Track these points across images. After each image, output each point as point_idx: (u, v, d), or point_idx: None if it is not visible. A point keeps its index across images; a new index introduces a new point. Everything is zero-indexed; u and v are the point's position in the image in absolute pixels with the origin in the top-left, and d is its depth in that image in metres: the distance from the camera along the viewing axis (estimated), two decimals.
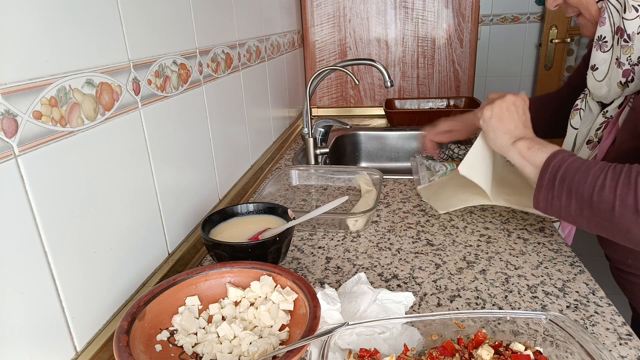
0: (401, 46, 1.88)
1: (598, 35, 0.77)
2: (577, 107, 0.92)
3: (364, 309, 0.64)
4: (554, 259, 0.81)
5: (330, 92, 1.97)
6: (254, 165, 1.25)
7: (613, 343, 0.60)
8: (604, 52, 0.78)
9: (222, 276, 0.65)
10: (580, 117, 0.91)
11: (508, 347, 0.54)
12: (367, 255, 0.85)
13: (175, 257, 0.79)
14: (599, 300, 0.69)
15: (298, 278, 0.61)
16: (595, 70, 0.80)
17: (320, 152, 1.36)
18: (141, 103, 0.70)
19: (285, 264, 0.83)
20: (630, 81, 0.76)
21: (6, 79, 0.45)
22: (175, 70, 0.80)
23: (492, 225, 0.94)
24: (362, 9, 1.84)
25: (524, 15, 2.98)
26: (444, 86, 1.92)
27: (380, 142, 1.67)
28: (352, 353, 0.54)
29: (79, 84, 0.55)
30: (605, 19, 0.75)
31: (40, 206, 0.49)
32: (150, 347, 0.55)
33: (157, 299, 0.59)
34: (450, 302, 0.70)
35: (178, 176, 0.82)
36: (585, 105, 0.90)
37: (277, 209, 0.83)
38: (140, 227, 0.70)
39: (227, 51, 1.04)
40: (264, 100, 1.34)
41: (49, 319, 0.51)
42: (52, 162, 0.52)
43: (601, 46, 0.78)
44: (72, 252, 0.55)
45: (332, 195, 1.15)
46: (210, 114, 0.95)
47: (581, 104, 0.91)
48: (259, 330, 0.58)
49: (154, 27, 0.73)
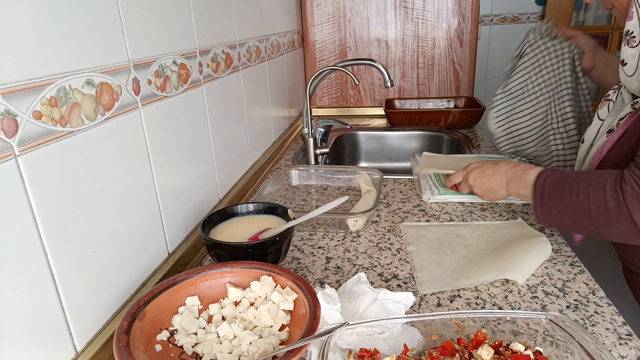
0: (401, 46, 1.88)
1: (626, 30, 0.76)
2: (607, 98, 0.90)
3: (364, 309, 0.64)
4: (554, 259, 0.80)
5: (330, 92, 1.97)
6: (254, 165, 1.25)
7: (613, 343, 0.60)
8: (632, 47, 0.76)
9: (222, 276, 0.65)
10: (608, 109, 0.89)
11: (508, 347, 0.53)
12: (367, 255, 0.85)
13: (175, 257, 0.79)
14: (599, 300, 0.69)
15: (298, 278, 0.61)
16: (625, 66, 0.79)
17: (320, 152, 1.36)
18: (141, 103, 0.70)
19: (285, 264, 0.83)
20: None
21: (6, 79, 0.45)
22: (175, 70, 0.80)
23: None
24: (362, 9, 1.84)
25: (524, 15, 2.98)
26: (444, 86, 1.92)
27: (380, 142, 1.67)
28: (352, 353, 0.54)
29: (79, 84, 0.55)
30: (633, 13, 0.73)
31: (40, 206, 0.49)
32: (150, 347, 0.55)
33: (157, 299, 0.59)
34: (450, 302, 0.70)
35: (178, 176, 0.82)
36: (617, 97, 0.88)
37: (277, 209, 0.83)
38: (140, 227, 0.70)
39: (227, 51, 1.04)
40: (264, 100, 1.34)
41: (49, 319, 0.51)
42: (52, 162, 0.52)
43: (629, 41, 0.76)
44: (72, 252, 0.55)
45: (332, 195, 1.15)
46: (210, 114, 0.95)
47: (613, 95, 0.89)
48: (259, 330, 0.58)
49: (154, 27, 0.73)
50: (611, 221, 0.68)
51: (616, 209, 0.67)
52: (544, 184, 0.77)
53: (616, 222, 0.68)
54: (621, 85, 0.87)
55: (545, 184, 0.76)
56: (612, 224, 0.68)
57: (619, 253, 0.90)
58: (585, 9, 2.91)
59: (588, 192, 0.70)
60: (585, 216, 0.71)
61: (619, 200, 0.67)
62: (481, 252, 0.83)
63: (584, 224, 0.72)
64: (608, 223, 0.69)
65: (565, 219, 0.75)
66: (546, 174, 0.78)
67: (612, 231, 0.69)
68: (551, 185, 0.76)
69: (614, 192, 0.68)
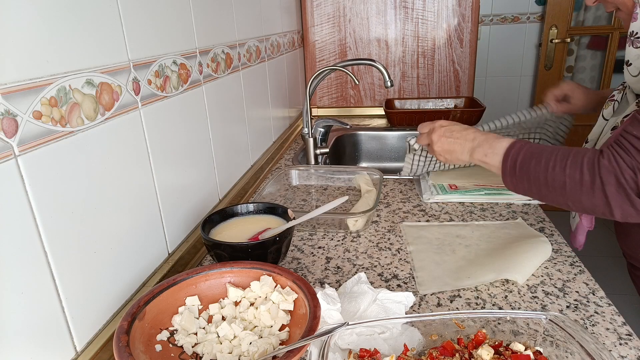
0: (401, 46, 1.88)
1: (630, 30, 0.76)
2: (612, 98, 0.90)
3: (364, 309, 0.64)
4: (554, 259, 0.80)
5: (330, 92, 1.97)
6: (254, 165, 1.25)
7: (613, 343, 0.60)
8: (637, 48, 0.76)
9: (222, 276, 0.65)
10: (613, 109, 0.89)
11: (508, 347, 0.53)
12: (367, 255, 0.85)
13: (175, 257, 0.79)
14: (599, 300, 0.69)
15: (298, 278, 0.61)
16: (630, 66, 0.79)
17: (320, 152, 1.36)
18: (141, 103, 0.70)
19: (285, 264, 0.83)
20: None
21: (6, 79, 0.45)
22: (175, 70, 0.80)
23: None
24: (362, 9, 1.84)
25: (524, 15, 2.98)
26: (444, 86, 1.92)
27: (380, 142, 1.67)
28: (352, 353, 0.54)
29: (79, 84, 0.55)
30: (637, 15, 0.74)
31: (40, 206, 0.49)
32: (150, 347, 0.55)
33: (157, 299, 0.59)
34: (450, 302, 0.70)
35: (178, 176, 0.82)
36: (622, 97, 0.88)
37: (277, 209, 0.83)
38: (141, 227, 0.70)
39: (227, 51, 1.04)
40: (264, 100, 1.34)
41: (49, 319, 0.51)
42: (52, 162, 0.52)
43: (633, 42, 0.76)
44: (72, 252, 0.55)
45: (332, 195, 1.15)
46: (210, 114, 0.95)
47: (618, 95, 0.89)
48: (259, 330, 0.58)
49: (154, 27, 0.73)
50: (583, 194, 0.69)
51: (590, 182, 0.68)
52: (517, 152, 0.76)
53: (588, 195, 0.69)
54: (626, 86, 0.88)
55: (519, 153, 0.76)
56: (583, 196, 0.69)
57: (623, 248, 0.91)
58: (585, 9, 2.91)
59: (565, 165, 0.70)
60: (558, 189, 0.71)
61: (594, 173, 0.67)
62: (481, 252, 0.83)
63: (554, 196, 0.73)
64: (579, 195, 0.70)
65: (533, 188, 0.75)
66: (521, 144, 0.77)
67: (581, 204, 0.70)
68: (525, 155, 0.75)
69: (590, 166, 0.68)
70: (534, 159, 0.74)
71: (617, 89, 0.90)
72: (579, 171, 0.69)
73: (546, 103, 1.16)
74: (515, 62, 3.08)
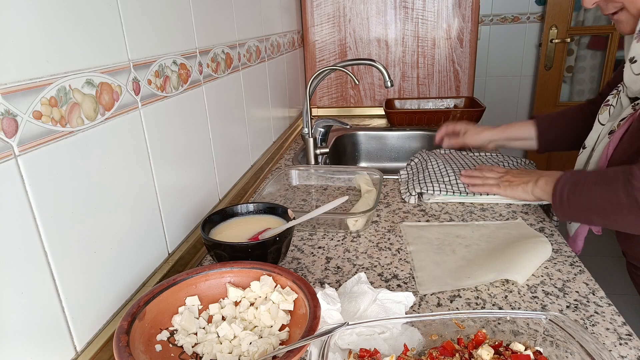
0: (401, 46, 1.88)
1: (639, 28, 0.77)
2: (607, 103, 0.91)
3: (364, 309, 0.64)
4: (553, 259, 0.80)
5: (330, 92, 1.97)
6: (254, 165, 1.25)
7: (613, 343, 0.60)
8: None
9: (222, 276, 0.65)
10: (609, 113, 0.91)
11: (508, 347, 0.53)
12: (367, 255, 0.85)
13: (175, 257, 0.79)
14: (599, 300, 0.69)
15: (298, 278, 0.61)
16: (634, 63, 0.80)
17: (320, 152, 1.36)
18: (141, 103, 0.70)
19: (285, 264, 0.83)
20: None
21: (6, 79, 0.45)
22: (175, 70, 0.80)
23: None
24: (362, 9, 1.84)
25: (524, 15, 2.98)
26: (444, 86, 1.92)
27: (380, 142, 1.67)
28: (352, 353, 0.53)
29: (79, 84, 0.55)
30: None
31: (40, 206, 0.49)
32: (150, 347, 0.55)
33: (157, 299, 0.59)
34: (450, 302, 0.70)
35: (178, 176, 0.82)
36: (617, 101, 0.89)
37: (277, 209, 0.83)
38: (140, 227, 0.70)
39: (227, 51, 1.04)
40: (264, 100, 1.34)
41: (49, 319, 0.51)
42: (52, 162, 0.52)
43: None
44: (72, 252, 0.55)
45: (332, 195, 1.15)
46: (210, 114, 0.95)
47: (613, 100, 0.90)
48: (259, 330, 0.58)
49: (154, 27, 0.73)
50: (623, 215, 0.75)
51: (627, 205, 0.73)
52: (562, 189, 0.83)
53: (628, 216, 0.74)
54: (620, 90, 0.88)
55: (564, 190, 0.83)
56: (625, 217, 0.75)
57: (623, 248, 0.92)
58: (585, 10, 2.92)
59: (602, 194, 0.77)
60: (599, 214, 0.78)
61: (631, 197, 0.73)
62: (481, 252, 0.83)
63: (599, 220, 0.80)
64: (621, 217, 0.76)
65: (581, 217, 0.84)
66: (565, 179, 0.84)
67: (623, 223, 0.77)
68: (569, 190, 0.82)
69: (625, 189, 0.73)
70: (577, 191, 0.81)
71: (611, 93, 0.92)
72: (616, 196, 0.75)
73: (438, 136, 1.30)
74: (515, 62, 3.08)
